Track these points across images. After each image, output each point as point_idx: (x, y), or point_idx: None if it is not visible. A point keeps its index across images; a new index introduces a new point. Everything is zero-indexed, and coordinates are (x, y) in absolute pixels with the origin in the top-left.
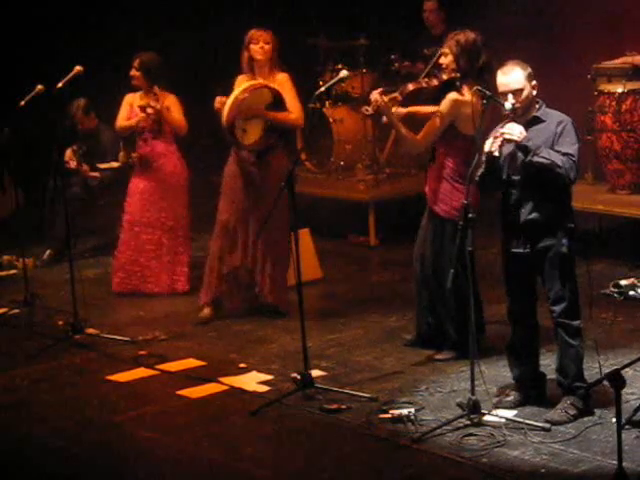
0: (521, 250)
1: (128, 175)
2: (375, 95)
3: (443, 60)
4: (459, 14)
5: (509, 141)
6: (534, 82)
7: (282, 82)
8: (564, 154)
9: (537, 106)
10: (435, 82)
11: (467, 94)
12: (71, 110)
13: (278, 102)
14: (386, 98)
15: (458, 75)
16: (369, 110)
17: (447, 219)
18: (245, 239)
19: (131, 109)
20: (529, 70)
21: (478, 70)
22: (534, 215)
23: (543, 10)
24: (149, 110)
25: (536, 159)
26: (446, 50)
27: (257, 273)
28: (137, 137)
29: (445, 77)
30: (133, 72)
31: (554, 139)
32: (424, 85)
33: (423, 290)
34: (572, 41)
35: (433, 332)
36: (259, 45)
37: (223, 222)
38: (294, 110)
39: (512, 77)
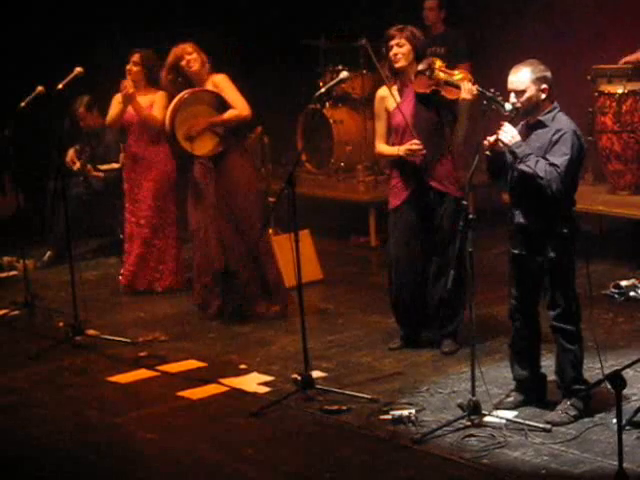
0: (517, 252)
1: None
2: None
3: (398, 50)
4: (459, 15)
5: (501, 142)
6: (544, 86)
7: (217, 82)
8: (551, 164)
9: (546, 110)
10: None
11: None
12: (73, 107)
13: (221, 104)
14: None
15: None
16: None
17: None
18: (221, 243)
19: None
20: (541, 74)
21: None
22: (523, 219)
23: (543, 10)
24: None
25: (521, 166)
26: (402, 40)
27: (245, 277)
28: None
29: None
30: (131, 67)
31: (548, 147)
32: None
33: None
34: (572, 41)
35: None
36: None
37: (195, 231)
38: (237, 105)
39: (517, 77)
